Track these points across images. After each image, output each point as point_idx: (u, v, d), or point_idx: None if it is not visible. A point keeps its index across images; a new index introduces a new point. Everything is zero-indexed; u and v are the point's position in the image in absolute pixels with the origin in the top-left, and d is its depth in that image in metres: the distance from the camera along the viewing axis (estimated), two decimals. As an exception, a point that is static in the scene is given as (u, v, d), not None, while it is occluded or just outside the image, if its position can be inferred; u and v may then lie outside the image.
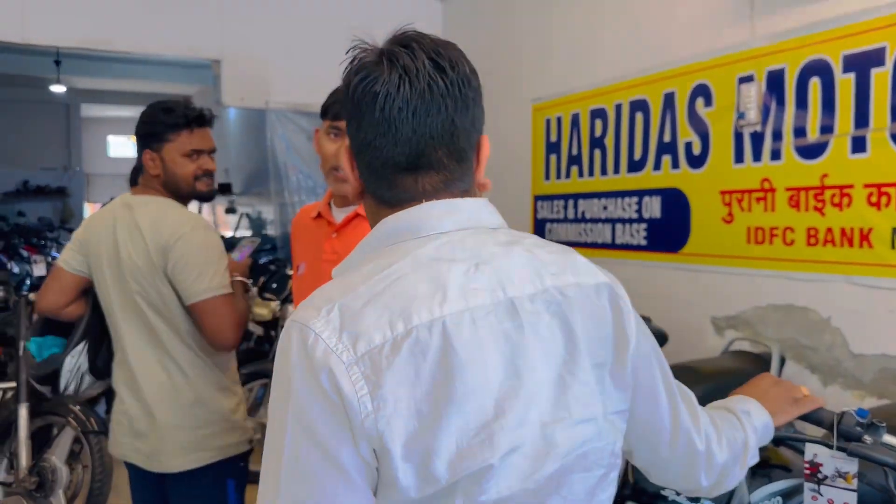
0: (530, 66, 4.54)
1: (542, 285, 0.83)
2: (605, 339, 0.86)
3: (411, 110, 0.84)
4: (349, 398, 0.71)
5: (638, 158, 3.65)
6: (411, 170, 0.86)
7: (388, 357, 0.72)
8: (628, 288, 3.41)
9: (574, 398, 0.81)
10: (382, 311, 0.74)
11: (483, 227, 0.87)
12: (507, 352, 0.77)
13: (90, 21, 4.62)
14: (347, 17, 5.31)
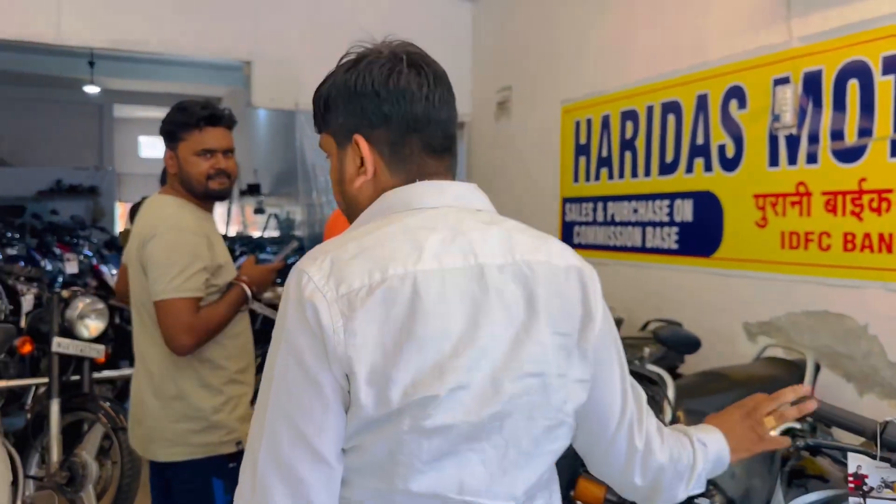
0: (560, 68, 4.51)
1: (513, 259, 0.96)
2: (572, 314, 0.99)
3: (444, 102, 1.01)
4: (326, 329, 0.86)
5: (670, 161, 3.60)
6: (442, 151, 1.02)
7: (363, 299, 0.87)
8: (659, 292, 3.38)
9: (527, 355, 0.93)
10: (365, 263, 0.89)
11: (468, 208, 1.00)
12: (470, 308, 0.91)
13: (124, 22, 4.68)
14: (377, 19, 5.33)
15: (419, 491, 0.89)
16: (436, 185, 0.99)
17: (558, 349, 0.96)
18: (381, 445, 0.88)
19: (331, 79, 1.07)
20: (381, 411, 0.86)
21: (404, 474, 0.88)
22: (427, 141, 1.00)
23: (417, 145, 0.99)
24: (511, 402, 0.92)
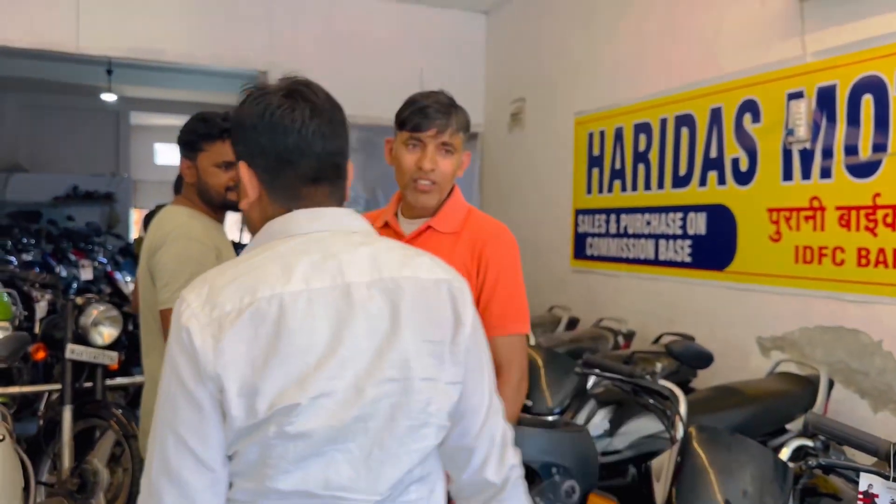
0: (574, 80, 4.52)
1: (380, 276, 1.04)
2: (443, 322, 1.07)
3: (320, 134, 1.07)
4: (199, 350, 0.96)
5: (683, 174, 3.59)
6: (314, 181, 1.09)
7: (232, 321, 0.97)
8: (671, 305, 3.37)
9: (388, 362, 1.01)
10: (237, 288, 0.99)
11: (343, 230, 1.09)
12: (335, 323, 1.00)
13: (141, 32, 4.74)
14: (391, 31, 5.36)
15: (286, 489, 0.98)
16: (311, 212, 1.08)
17: (427, 355, 1.04)
18: (253, 450, 0.97)
19: (234, 111, 1.16)
20: (250, 421, 0.96)
21: (273, 475, 0.98)
22: (302, 171, 1.08)
23: (293, 175, 1.08)
24: (373, 406, 1.00)
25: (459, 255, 1.68)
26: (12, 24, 4.44)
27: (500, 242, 1.71)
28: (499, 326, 1.66)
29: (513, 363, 1.65)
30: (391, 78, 5.30)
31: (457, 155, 1.73)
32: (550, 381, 2.11)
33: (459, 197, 1.79)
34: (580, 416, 2.08)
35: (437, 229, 1.72)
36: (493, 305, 1.67)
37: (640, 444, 2.20)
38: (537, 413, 2.05)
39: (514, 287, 1.69)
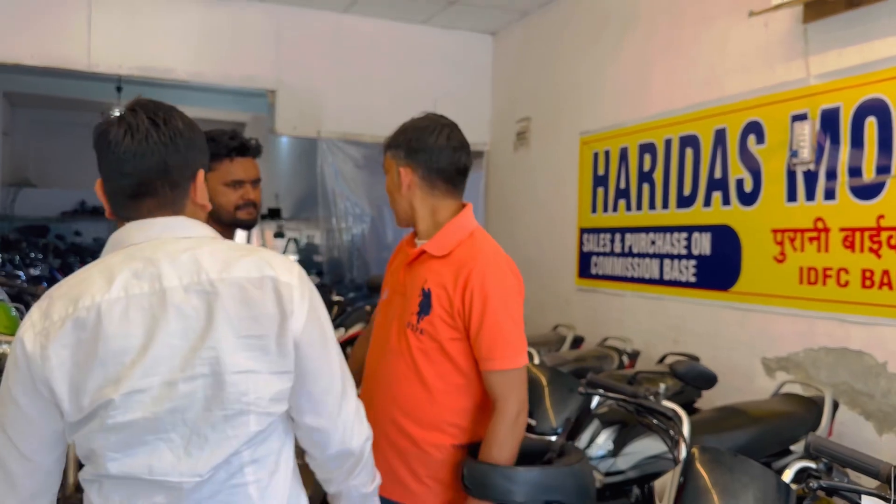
0: (579, 100, 4.55)
1: (198, 279, 1.13)
2: (265, 316, 1.14)
3: (132, 153, 1.16)
4: (31, 357, 1.09)
5: (688, 194, 3.61)
6: (135, 196, 1.18)
7: (58, 329, 1.09)
8: (676, 325, 3.36)
9: (199, 360, 1.10)
10: (66, 299, 1.11)
11: (171, 238, 1.17)
12: (150, 326, 1.10)
13: (152, 50, 4.80)
14: (398, 50, 5.42)
15: (116, 473, 1.11)
16: (141, 223, 1.18)
17: (245, 349, 1.13)
18: (84, 440, 1.12)
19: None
20: (77, 416, 1.10)
21: (102, 462, 1.11)
22: (122, 187, 1.18)
23: (117, 190, 1.19)
24: (187, 398, 1.10)
25: (441, 279, 1.67)
26: (24, 42, 4.50)
27: (488, 271, 1.64)
28: (488, 360, 1.63)
29: (507, 398, 1.62)
30: (397, 97, 5.35)
31: (387, 175, 1.78)
32: (554, 400, 2.11)
33: (461, 219, 1.75)
34: (583, 436, 2.08)
35: (429, 252, 1.72)
36: (481, 338, 1.63)
37: (643, 464, 2.20)
38: (540, 432, 2.05)
39: (502, 319, 1.62)
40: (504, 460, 1.58)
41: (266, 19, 5.05)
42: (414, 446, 1.69)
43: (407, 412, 1.70)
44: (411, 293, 1.72)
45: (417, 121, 1.77)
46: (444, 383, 1.68)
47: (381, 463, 1.71)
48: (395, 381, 1.71)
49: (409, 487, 1.69)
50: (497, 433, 1.60)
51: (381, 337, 1.80)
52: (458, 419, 1.68)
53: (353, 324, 4.11)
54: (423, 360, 1.68)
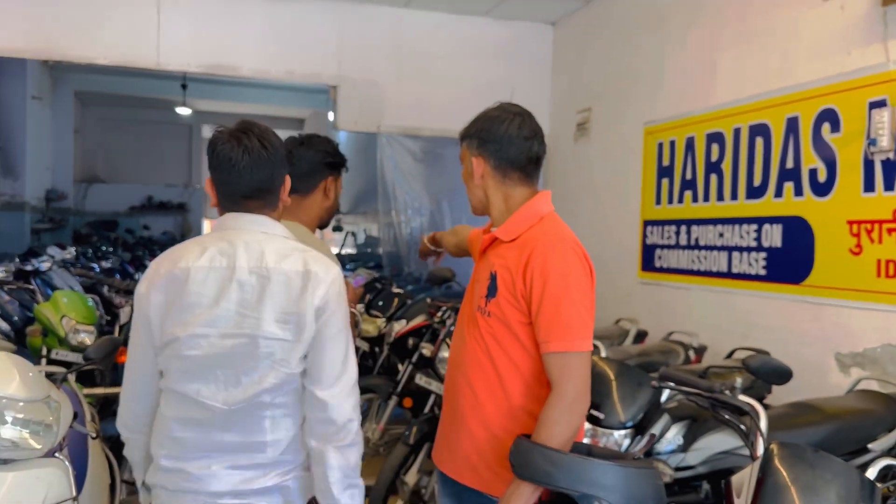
0: (642, 89, 4.47)
1: (259, 265, 1.55)
2: (295, 300, 1.54)
3: (248, 169, 1.59)
4: (140, 296, 1.58)
5: (758, 184, 3.51)
6: (245, 198, 1.62)
7: (159, 279, 1.56)
8: (745, 319, 3.28)
9: (246, 325, 1.52)
10: (170, 260, 1.58)
11: (252, 231, 1.60)
12: (218, 292, 1.53)
13: (218, 48, 4.92)
14: (459, 42, 5.42)
15: (176, 389, 1.56)
16: (236, 215, 1.62)
17: (278, 322, 1.52)
18: (163, 361, 1.57)
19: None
20: (159, 343, 1.56)
21: (170, 379, 1.57)
22: (235, 192, 1.61)
23: (232, 194, 1.61)
24: (232, 350, 1.52)
25: (507, 261, 1.69)
26: (97, 43, 4.67)
27: (549, 251, 1.64)
28: (546, 341, 1.62)
29: (564, 382, 1.59)
30: (457, 91, 5.35)
31: (462, 165, 1.82)
32: (622, 394, 2.08)
33: (533, 205, 1.76)
34: (653, 430, 2.05)
35: (500, 238, 1.76)
36: (539, 319, 1.62)
37: (713, 460, 2.15)
38: (608, 426, 2.03)
39: (562, 299, 1.60)
40: (554, 444, 1.54)
41: (328, 16, 5.11)
42: (486, 431, 1.70)
43: (479, 396, 1.71)
44: (482, 278, 1.76)
45: (490, 111, 1.79)
46: (515, 368, 1.68)
47: (457, 447, 1.74)
48: (470, 366, 1.74)
49: (481, 474, 1.70)
50: (549, 415, 1.58)
51: (460, 325, 1.85)
52: (530, 405, 1.67)
53: (414, 315, 4.13)
54: (493, 345, 1.70)
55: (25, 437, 1.81)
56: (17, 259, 6.03)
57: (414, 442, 3.14)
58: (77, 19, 4.62)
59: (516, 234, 1.72)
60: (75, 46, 4.65)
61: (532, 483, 1.53)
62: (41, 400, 1.86)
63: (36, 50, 4.67)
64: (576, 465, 1.48)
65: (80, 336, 4.01)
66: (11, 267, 5.50)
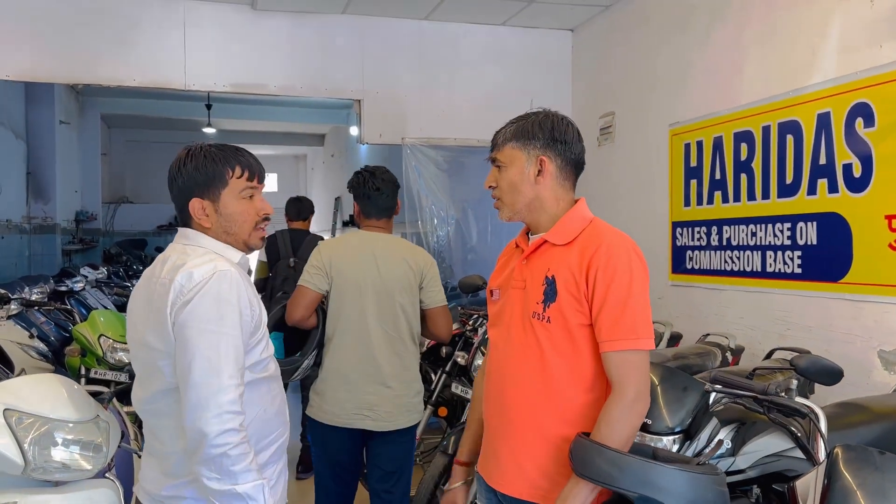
0: (666, 91, 4.45)
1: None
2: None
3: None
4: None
5: (790, 182, 3.47)
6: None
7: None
8: (782, 319, 3.25)
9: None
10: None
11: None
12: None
13: (244, 68, 4.99)
14: (478, 51, 5.44)
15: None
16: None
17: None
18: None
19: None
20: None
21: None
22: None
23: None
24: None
25: (566, 263, 1.67)
26: (125, 65, 4.75)
27: (613, 249, 1.62)
28: (608, 340, 1.60)
29: (625, 381, 1.57)
30: (479, 100, 5.38)
31: (509, 168, 1.76)
32: (668, 398, 2.05)
33: (579, 209, 1.77)
34: (702, 436, 2.02)
35: (551, 242, 1.73)
36: (602, 317, 1.60)
37: (763, 463, 2.12)
38: (656, 432, 2.00)
39: (626, 297, 1.59)
40: (614, 443, 1.53)
41: (351, 31, 5.16)
42: (544, 441, 1.67)
43: (535, 405, 1.68)
44: (533, 284, 1.72)
45: (536, 114, 1.78)
46: (574, 374, 1.66)
47: (509, 460, 1.72)
48: (523, 375, 1.71)
49: (539, 485, 1.68)
50: (609, 414, 1.57)
51: (502, 337, 1.78)
52: (588, 411, 1.65)
53: (447, 325, 4.13)
54: (551, 351, 1.66)
55: (76, 458, 1.83)
56: (51, 280, 6.13)
57: (452, 452, 3.14)
58: (105, 43, 4.71)
59: (572, 237, 1.71)
60: (105, 69, 4.73)
61: (591, 482, 1.51)
62: (91, 420, 1.89)
63: (66, 74, 4.76)
64: (639, 467, 1.46)
65: (118, 354, 4.07)
66: (46, 288, 5.60)
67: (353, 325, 2.74)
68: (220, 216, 1.73)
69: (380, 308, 2.74)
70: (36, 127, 9.67)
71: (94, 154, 12.58)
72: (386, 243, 2.82)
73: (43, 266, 9.04)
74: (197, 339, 1.56)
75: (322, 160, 14.96)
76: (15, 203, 8.71)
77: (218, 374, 1.54)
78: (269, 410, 1.74)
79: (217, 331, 1.56)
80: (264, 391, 1.74)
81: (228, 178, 1.73)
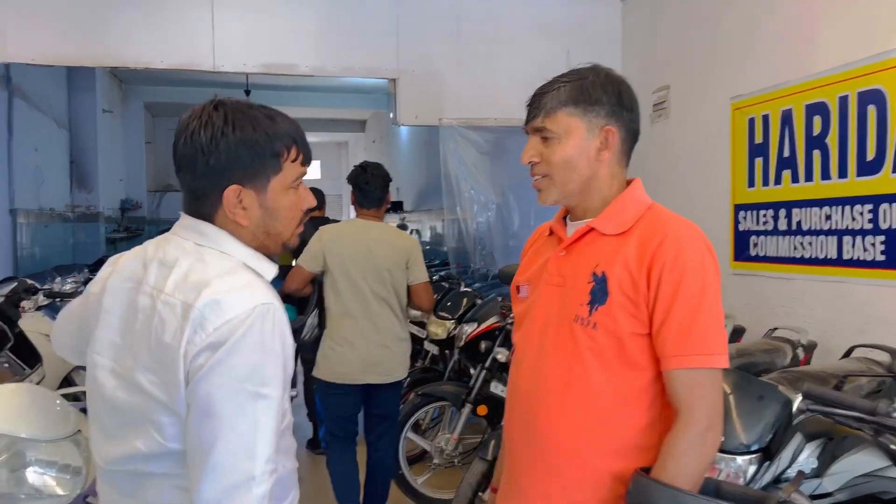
0: (727, 62, 4.07)
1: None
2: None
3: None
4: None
5: (871, 159, 3.09)
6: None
7: None
8: (861, 311, 2.82)
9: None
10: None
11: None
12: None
13: (275, 48, 4.78)
14: (520, 26, 5.12)
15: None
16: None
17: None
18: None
19: None
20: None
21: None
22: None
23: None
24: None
25: (623, 260, 1.34)
26: (154, 47, 4.58)
27: (683, 244, 1.31)
28: (675, 356, 1.29)
29: (694, 406, 1.27)
30: (520, 77, 5.05)
31: (563, 140, 1.40)
32: (743, 410, 1.74)
33: (635, 191, 1.45)
34: (783, 455, 1.72)
35: (600, 231, 1.41)
36: (668, 326, 1.30)
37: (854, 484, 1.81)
38: (728, 451, 1.69)
39: (698, 302, 1.29)
40: (681, 482, 1.23)
41: (385, 6, 4.90)
42: (581, 472, 1.37)
43: (574, 428, 1.37)
44: (576, 281, 1.39)
45: (605, 74, 1.44)
46: (622, 392, 1.35)
47: (537, 492, 1.40)
48: (559, 394, 1.38)
49: None
50: (677, 445, 1.27)
51: (532, 344, 1.46)
52: (642, 439, 1.35)
53: (486, 317, 3.86)
54: (594, 363, 1.35)
55: (50, 482, 1.56)
56: (85, 269, 6.04)
57: (492, 457, 2.88)
58: (131, 24, 4.54)
59: (627, 226, 1.39)
60: (131, 52, 4.58)
61: None
62: (68, 438, 1.62)
63: (91, 57, 4.61)
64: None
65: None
66: (80, 278, 5.50)
67: (355, 300, 3.25)
68: (263, 211, 1.24)
69: (376, 284, 3.26)
70: (78, 115, 9.69)
71: (138, 142, 12.64)
72: (378, 230, 3.35)
73: (87, 254, 9.07)
74: (228, 404, 1.09)
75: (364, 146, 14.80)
76: (58, 192, 8.73)
77: (253, 458, 1.09)
78: (287, 466, 1.28)
79: (257, 394, 1.10)
80: (285, 446, 1.27)
81: (283, 160, 1.24)
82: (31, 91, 7.23)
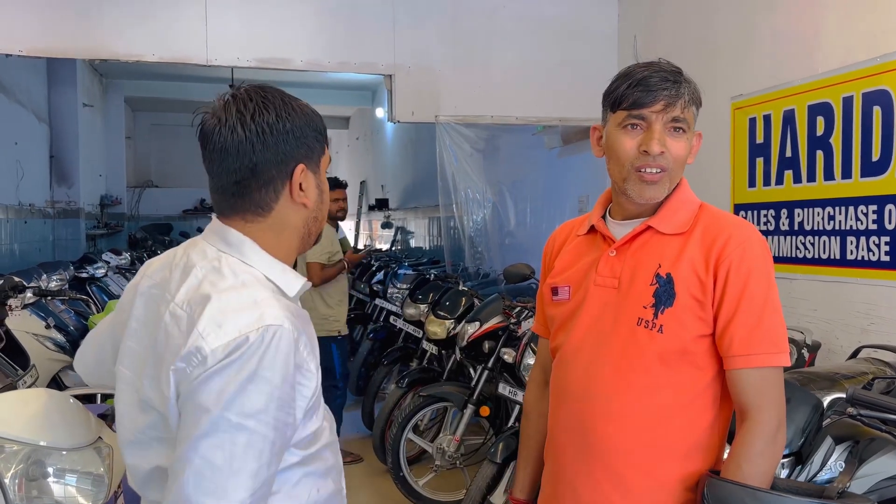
0: (727, 60, 4.07)
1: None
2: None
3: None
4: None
5: (876, 159, 3.10)
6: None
7: None
8: (865, 312, 2.80)
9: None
10: None
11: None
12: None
13: (268, 42, 4.70)
14: (516, 23, 5.09)
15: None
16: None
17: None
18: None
19: None
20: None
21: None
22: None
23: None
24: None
25: (689, 261, 1.34)
26: (145, 40, 4.48)
27: (748, 244, 1.32)
28: (742, 355, 1.28)
29: (764, 405, 1.27)
30: (516, 74, 5.04)
31: (689, 135, 1.41)
32: (774, 413, 1.74)
33: (688, 190, 1.44)
34: (815, 459, 1.71)
35: (658, 230, 1.39)
36: (734, 326, 1.29)
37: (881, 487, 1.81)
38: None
39: (764, 301, 1.30)
40: (757, 483, 1.23)
41: (382, 2, 4.84)
42: (648, 479, 1.34)
43: (638, 438, 1.34)
44: (636, 284, 1.37)
45: (669, 64, 1.45)
46: (685, 394, 1.34)
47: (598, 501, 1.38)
48: (623, 401, 1.35)
49: None
50: (750, 447, 1.27)
51: (584, 349, 1.41)
52: (704, 438, 1.34)
53: (489, 317, 3.82)
54: (658, 366, 1.33)
55: (72, 493, 1.49)
56: (71, 267, 5.92)
57: (501, 460, 2.85)
58: (122, 16, 4.44)
59: (686, 225, 1.38)
60: (122, 44, 4.47)
61: None
62: (90, 445, 1.55)
63: (82, 50, 4.50)
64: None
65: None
66: (65, 275, 5.39)
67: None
68: (318, 193, 1.20)
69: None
70: (58, 110, 9.50)
71: (118, 138, 12.45)
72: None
73: (67, 251, 8.90)
74: (202, 426, 0.98)
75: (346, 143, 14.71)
76: (38, 187, 8.56)
77: (219, 496, 0.96)
78: (327, 488, 1.17)
79: (239, 425, 0.98)
80: (322, 468, 1.16)
81: (326, 143, 1.24)
82: (10, 83, 7.07)
